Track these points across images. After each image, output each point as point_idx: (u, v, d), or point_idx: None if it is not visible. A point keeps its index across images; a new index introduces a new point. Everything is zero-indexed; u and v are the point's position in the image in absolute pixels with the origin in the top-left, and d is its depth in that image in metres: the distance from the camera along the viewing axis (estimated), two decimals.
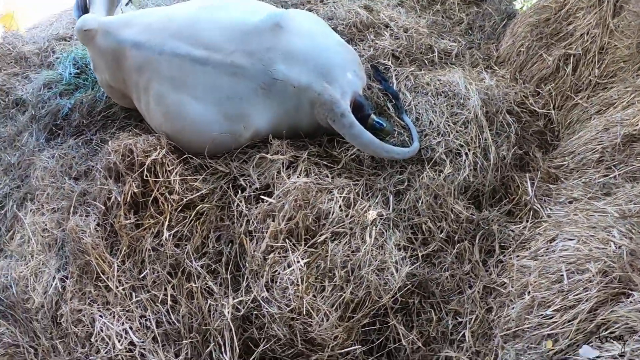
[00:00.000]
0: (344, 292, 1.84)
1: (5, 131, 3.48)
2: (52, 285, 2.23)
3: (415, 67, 2.99)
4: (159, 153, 2.33)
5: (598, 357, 1.56)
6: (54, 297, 2.19)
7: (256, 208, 2.10)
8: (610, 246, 1.83)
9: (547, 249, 2.04)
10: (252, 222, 2.06)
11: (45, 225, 2.49)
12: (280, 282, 1.87)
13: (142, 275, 2.16)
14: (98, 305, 2.10)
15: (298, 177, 2.15)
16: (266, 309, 1.83)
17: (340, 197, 2.08)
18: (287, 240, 1.97)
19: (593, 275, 1.75)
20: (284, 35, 2.40)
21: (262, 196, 2.16)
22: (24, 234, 2.50)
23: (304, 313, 1.79)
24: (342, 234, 1.99)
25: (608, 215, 2.01)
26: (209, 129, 2.40)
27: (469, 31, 3.63)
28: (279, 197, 2.06)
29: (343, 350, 1.81)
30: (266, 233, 1.97)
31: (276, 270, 1.91)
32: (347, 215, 2.04)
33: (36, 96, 3.61)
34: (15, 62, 4.35)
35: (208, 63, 2.39)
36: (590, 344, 1.63)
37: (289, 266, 1.90)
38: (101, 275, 2.17)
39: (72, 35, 4.54)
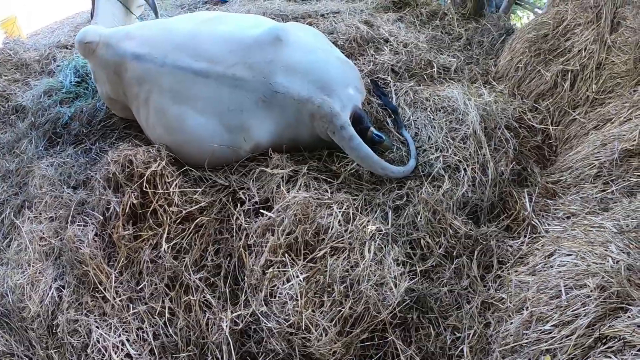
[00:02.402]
0: (343, 307, 1.84)
1: (4, 137, 3.46)
2: (48, 294, 2.21)
3: (415, 82, 3.01)
4: (158, 165, 2.33)
5: None
6: (50, 306, 2.18)
7: (256, 222, 2.10)
8: (608, 261, 1.84)
9: (545, 264, 2.05)
10: (252, 236, 2.06)
11: (43, 233, 2.48)
12: (279, 297, 1.87)
13: (140, 287, 2.15)
14: (95, 316, 2.10)
15: (298, 191, 2.15)
16: (265, 323, 1.83)
17: (340, 212, 2.09)
18: (286, 255, 1.97)
19: (591, 291, 1.76)
20: (284, 48, 2.42)
21: (261, 210, 2.16)
22: (21, 242, 2.48)
23: (303, 328, 1.79)
24: (341, 249, 2.00)
25: (606, 231, 2.02)
26: (209, 141, 2.41)
27: (468, 47, 3.67)
28: (279, 212, 2.07)
29: None
30: (265, 247, 1.98)
31: (275, 285, 1.91)
32: (346, 230, 2.05)
33: (36, 103, 3.62)
34: (16, 69, 4.36)
35: (209, 75, 2.40)
36: (589, 359, 1.63)
37: (288, 281, 1.90)
38: (98, 285, 2.16)
39: (74, 43, 4.56)
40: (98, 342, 2.00)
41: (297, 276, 1.90)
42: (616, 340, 1.60)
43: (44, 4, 6.28)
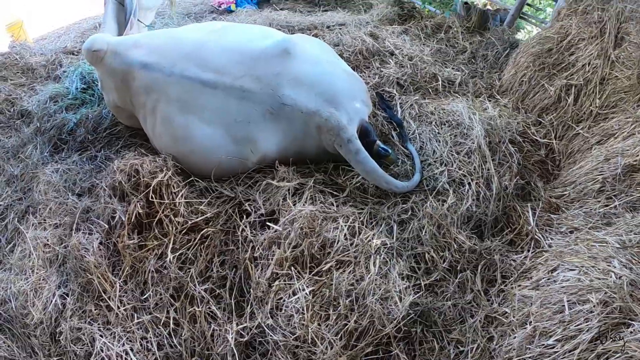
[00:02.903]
0: (348, 321, 1.85)
1: (9, 142, 3.46)
2: (52, 301, 2.21)
3: (420, 95, 3.03)
4: (165, 175, 2.34)
5: None
6: (53, 313, 2.18)
7: (262, 234, 2.11)
8: (610, 276, 1.85)
9: (549, 279, 2.05)
10: (258, 248, 2.07)
11: (47, 240, 2.48)
12: (285, 310, 1.88)
13: (145, 296, 2.15)
14: (98, 324, 2.10)
15: (304, 204, 2.17)
16: (271, 335, 1.84)
17: (346, 225, 2.10)
18: (292, 268, 1.98)
19: (594, 306, 1.77)
20: (292, 61, 2.44)
21: (268, 223, 2.17)
22: (24, 247, 2.48)
23: (309, 341, 1.80)
24: (346, 263, 2.01)
25: (608, 246, 2.03)
26: (216, 152, 2.42)
27: (472, 60, 3.71)
28: (285, 225, 2.08)
29: None
30: (271, 260, 1.99)
31: (281, 298, 1.92)
32: (351, 244, 2.06)
33: (42, 109, 3.62)
34: (22, 73, 4.37)
35: (217, 86, 2.42)
36: None
37: (294, 294, 1.91)
38: (102, 294, 2.17)
39: (80, 49, 4.58)
40: (102, 350, 2.00)
41: (303, 289, 1.91)
42: (619, 355, 1.61)
43: (45, 6, 6.30)
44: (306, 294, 1.90)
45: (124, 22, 3.23)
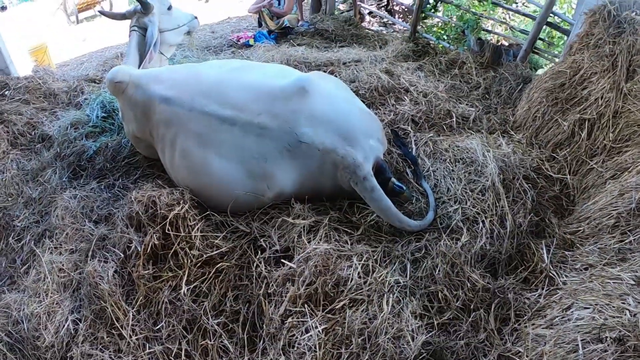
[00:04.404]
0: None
1: (29, 164, 3.55)
2: (64, 326, 2.24)
3: (434, 132, 3.05)
4: (182, 207, 2.38)
5: None
6: (65, 338, 2.20)
7: (276, 271, 2.13)
8: (625, 314, 1.82)
9: (563, 317, 2.03)
10: (272, 284, 2.09)
11: (62, 265, 2.51)
12: (297, 347, 1.88)
13: (157, 327, 2.17)
14: (110, 352, 2.11)
15: (318, 242, 2.19)
16: None
17: (359, 264, 2.11)
18: (305, 305, 1.99)
19: (608, 345, 1.74)
20: (309, 99, 2.48)
21: (282, 260, 2.19)
22: (40, 271, 2.51)
23: None
24: (360, 301, 2.01)
25: (623, 282, 2.01)
26: (233, 187, 2.46)
27: (486, 95, 3.74)
28: (300, 262, 2.10)
29: None
30: (285, 297, 2.00)
31: (294, 335, 1.92)
32: (365, 282, 2.07)
33: (62, 134, 3.71)
34: (44, 98, 4.47)
35: (235, 123, 2.46)
36: None
37: (306, 331, 1.92)
38: (115, 322, 2.18)
39: (102, 77, 4.69)
40: None
41: (316, 327, 1.91)
42: None
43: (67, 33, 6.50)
44: (319, 331, 1.90)
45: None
